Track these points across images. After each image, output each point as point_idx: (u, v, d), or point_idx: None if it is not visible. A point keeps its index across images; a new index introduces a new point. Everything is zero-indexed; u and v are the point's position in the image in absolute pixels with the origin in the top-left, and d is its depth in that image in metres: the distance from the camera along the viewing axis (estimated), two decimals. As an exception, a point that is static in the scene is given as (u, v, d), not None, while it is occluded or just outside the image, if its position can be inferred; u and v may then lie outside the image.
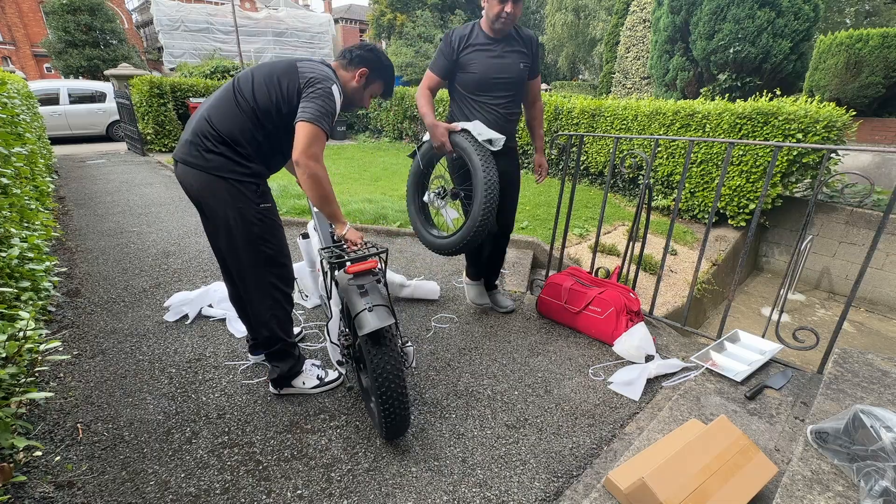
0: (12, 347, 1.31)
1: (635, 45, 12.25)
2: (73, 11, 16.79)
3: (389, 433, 1.56)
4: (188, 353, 2.16)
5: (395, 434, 1.58)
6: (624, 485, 1.30)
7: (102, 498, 1.39)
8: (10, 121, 2.79)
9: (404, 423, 1.54)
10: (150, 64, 24.36)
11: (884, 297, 5.03)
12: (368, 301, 1.46)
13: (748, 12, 8.01)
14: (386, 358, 1.43)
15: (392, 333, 1.49)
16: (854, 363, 1.85)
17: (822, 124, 4.23)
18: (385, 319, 1.43)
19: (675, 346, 2.39)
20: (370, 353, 1.43)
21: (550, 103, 6.56)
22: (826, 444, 1.38)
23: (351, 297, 1.51)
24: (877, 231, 1.79)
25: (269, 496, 1.42)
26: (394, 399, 1.45)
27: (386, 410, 1.46)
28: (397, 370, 1.45)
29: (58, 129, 9.33)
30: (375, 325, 1.41)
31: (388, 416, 1.48)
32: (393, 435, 1.58)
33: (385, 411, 1.46)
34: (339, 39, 31.38)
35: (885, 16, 16.32)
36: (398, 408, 1.47)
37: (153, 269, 3.10)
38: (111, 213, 4.47)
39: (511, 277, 3.15)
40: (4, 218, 1.90)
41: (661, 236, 4.67)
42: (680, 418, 1.68)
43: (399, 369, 1.47)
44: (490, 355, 2.25)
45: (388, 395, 1.44)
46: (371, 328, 1.40)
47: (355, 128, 11.43)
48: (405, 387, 1.49)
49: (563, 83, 22.35)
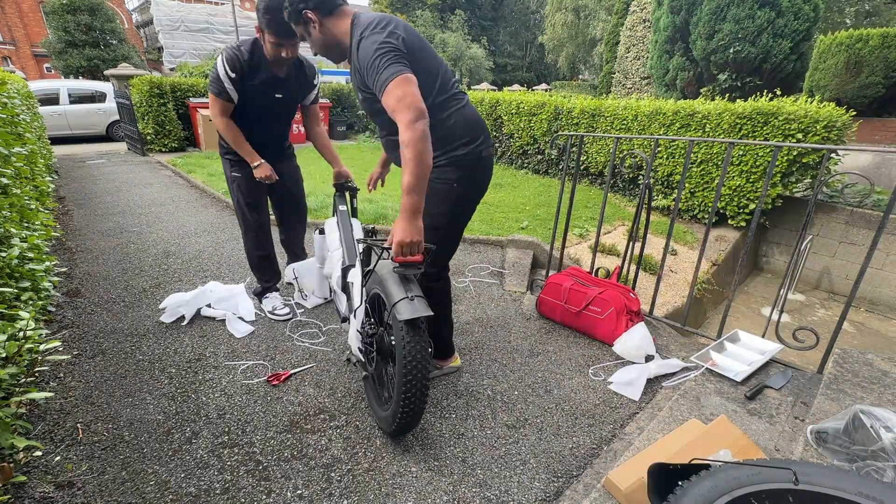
0: (12, 347, 1.31)
1: (635, 45, 12.25)
2: (73, 11, 16.79)
3: (401, 426, 1.54)
4: (188, 353, 2.16)
5: (406, 428, 1.57)
6: (624, 485, 1.30)
7: (102, 498, 1.39)
8: (10, 121, 2.79)
9: (417, 418, 1.54)
10: (150, 64, 24.37)
11: (884, 297, 5.03)
12: (411, 291, 1.48)
13: (748, 12, 8.02)
14: (419, 347, 1.44)
15: (426, 327, 1.50)
16: (854, 363, 1.85)
17: (822, 124, 4.23)
18: (425, 310, 1.45)
19: (675, 346, 2.39)
20: (404, 340, 1.43)
21: (550, 103, 6.56)
22: (826, 444, 1.39)
23: (391, 285, 1.51)
24: (877, 231, 1.79)
25: (269, 496, 1.42)
26: (417, 390, 1.45)
27: (407, 400, 1.46)
28: (426, 361, 1.46)
29: (58, 129, 9.33)
30: (417, 312, 1.42)
31: (406, 407, 1.47)
32: (403, 429, 1.57)
33: (406, 401, 1.46)
34: (339, 39, 31.32)
35: (885, 16, 16.33)
36: (418, 400, 1.47)
37: (153, 269, 3.10)
38: (111, 213, 4.47)
39: (511, 277, 3.15)
40: (4, 218, 1.89)
41: (661, 236, 4.67)
42: (680, 418, 1.68)
43: (427, 361, 1.47)
44: (490, 355, 2.25)
45: (413, 385, 1.44)
46: (412, 315, 1.41)
47: (355, 128, 11.43)
48: (428, 381, 1.49)
49: (563, 83, 22.38)
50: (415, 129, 1.29)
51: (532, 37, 30.35)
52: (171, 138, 8.16)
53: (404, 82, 1.33)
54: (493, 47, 28.05)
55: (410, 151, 1.30)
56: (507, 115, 7.30)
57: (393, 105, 1.33)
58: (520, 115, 7.05)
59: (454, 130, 1.60)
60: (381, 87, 1.35)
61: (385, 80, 1.34)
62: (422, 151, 1.30)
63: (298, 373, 2.03)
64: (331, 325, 2.45)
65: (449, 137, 1.60)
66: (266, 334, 2.34)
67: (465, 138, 1.62)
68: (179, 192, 5.43)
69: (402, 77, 1.33)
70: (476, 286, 3.04)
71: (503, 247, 3.76)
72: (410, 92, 1.33)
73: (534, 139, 6.97)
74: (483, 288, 3.02)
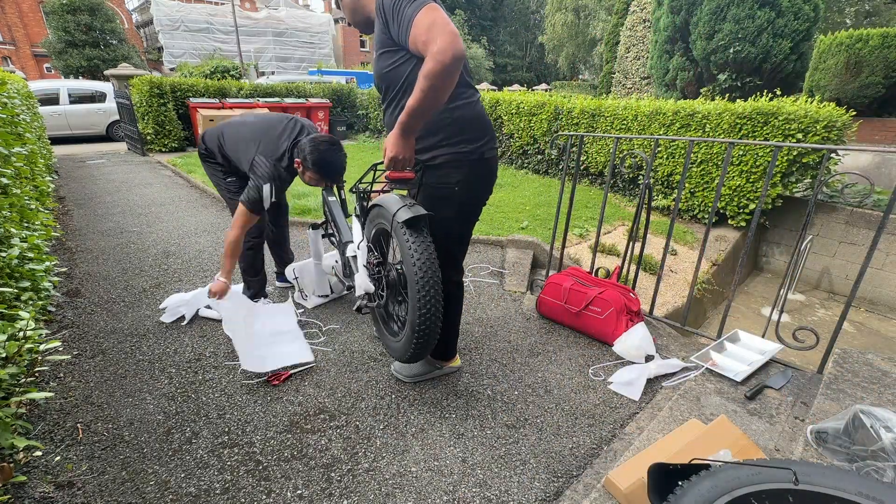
0: (12, 347, 1.31)
1: (635, 45, 12.25)
2: (73, 11, 16.80)
3: (420, 341, 1.45)
4: (188, 353, 2.16)
5: (424, 347, 1.48)
6: (624, 485, 1.30)
7: (102, 498, 1.39)
8: (10, 121, 2.79)
9: (436, 334, 1.45)
10: (150, 64, 24.38)
11: (884, 297, 5.03)
12: (407, 201, 1.46)
13: (748, 12, 8.02)
14: (423, 246, 1.41)
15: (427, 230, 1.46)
16: (854, 363, 1.85)
17: (822, 124, 4.23)
18: (423, 211, 1.43)
19: (675, 346, 2.39)
20: (408, 242, 1.40)
21: (550, 103, 6.56)
22: (826, 444, 1.39)
23: (388, 201, 1.50)
24: (877, 231, 1.79)
25: (269, 496, 1.42)
26: (432, 296, 1.38)
27: (422, 308, 1.38)
28: (434, 261, 1.41)
29: (58, 129, 9.33)
30: (414, 213, 1.40)
31: (422, 317, 1.40)
32: (422, 349, 1.48)
33: (422, 308, 1.38)
34: (339, 39, 31.38)
35: (885, 16, 16.33)
36: (435, 307, 1.40)
37: (153, 269, 3.10)
38: (111, 213, 4.47)
39: (511, 277, 3.15)
40: (4, 218, 1.90)
41: (661, 236, 4.67)
42: (680, 418, 1.68)
43: (436, 260, 1.42)
44: (490, 355, 2.25)
45: (427, 288, 1.38)
46: (411, 214, 1.40)
47: (355, 128, 11.43)
48: (441, 286, 1.41)
49: (563, 83, 22.38)
50: (440, 61, 1.19)
51: (532, 37, 30.36)
52: (171, 138, 8.16)
53: (433, 9, 1.25)
54: (493, 47, 28.07)
55: (427, 82, 1.22)
56: (507, 115, 7.30)
57: (424, 36, 1.23)
58: (520, 115, 7.05)
59: (459, 124, 1.55)
60: (408, 24, 1.28)
61: (412, 14, 1.26)
62: (438, 88, 1.23)
63: (298, 372, 2.03)
64: (331, 325, 2.45)
65: (452, 130, 1.55)
66: (266, 334, 2.34)
67: (469, 134, 1.57)
68: (179, 192, 5.43)
69: (430, 5, 1.26)
70: (476, 286, 3.04)
71: (503, 247, 3.76)
72: (441, 16, 1.24)
73: (534, 139, 6.97)
74: (483, 288, 3.02)
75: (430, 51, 1.22)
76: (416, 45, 1.29)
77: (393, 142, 1.39)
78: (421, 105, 1.27)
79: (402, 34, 1.33)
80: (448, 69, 1.21)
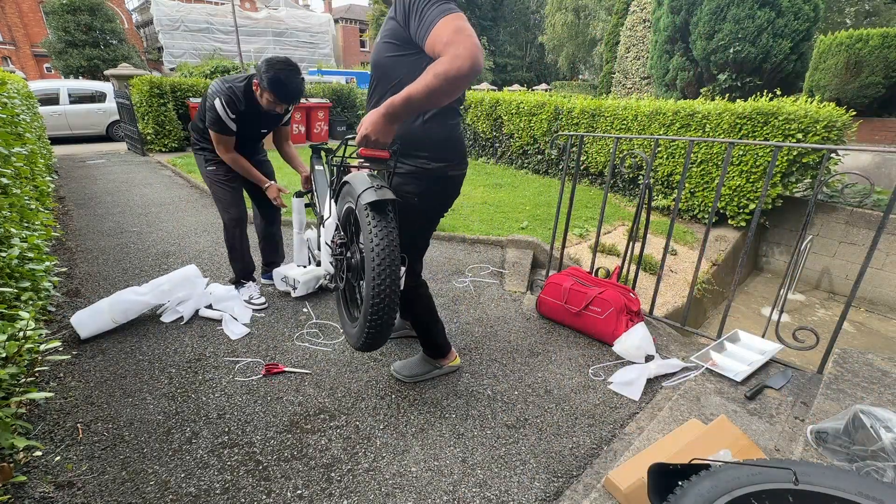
0: (12, 347, 1.31)
1: (635, 45, 12.25)
2: (73, 11, 16.79)
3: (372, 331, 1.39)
4: (188, 353, 2.16)
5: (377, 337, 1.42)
6: (624, 485, 1.30)
7: (102, 498, 1.39)
8: (10, 121, 2.79)
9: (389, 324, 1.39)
10: (150, 64, 24.37)
11: (884, 297, 5.03)
12: (377, 182, 1.39)
13: (748, 12, 8.02)
14: (385, 231, 1.34)
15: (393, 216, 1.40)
16: (854, 363, 1.85)
17: (822, 124, 4.24)
18: (391, 195, 1.36)
19: (675, 346, 2.39)
20: (369, 225, 1.33)
21: (550, 103, 6.57)
22: (826, 444, 1.39)
23: (357, 181, 1.42)
24: (877, 231, 1.79)
25: (269, 496, 1.42)
26: (388, 285, 1.32)
27: (376, 297, 1.33)
28: (395, 248, 1.35)
29: (58, 129, 9.33)
30: (381, 196, 1.34)
31: (376, 306, 1.34)
32: (374, 339, 1.42)
33: (375, 296, 1.33)
34: (339, 39, 31.39)
35: (885, 16, 16.33)
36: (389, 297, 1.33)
37: (153, 269, 3.10)
38: (111, 213, 4.47)
39: (511, 277, 3.15)
40: (4, 218, 1.90)
41: (661, 236, 4.67)
42: (680, 418, 1.68)
43: (397, 248, 1.36)
44: (490, 355, 2.25)
45: (384, 277, 1.32)
46: (377, 197, 1.33)
47: (355, 128, 11.44)
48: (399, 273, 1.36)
49: (563, 83, 22.38)
50: (457, 66, 1.15)
51: (532, 37, 30.35)
52: (171, 138, 8.15)
53: (461, 17, 1.22)
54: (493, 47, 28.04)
55: (436, 80, 1.18)
56: (507, 115, 7.31)
57: (447, 38, 1.19)
58: (520, 115, 7.05)
59: (430, 140, 1.51)
60: (429, 25, 1.24)
61: (436, 16, 1.23)
62: (443, 91, 1.20)
63: (298, 373, 2.03)
64: (331, 325, 2.45)
65: (422, 144, 1.52)
66: (266, 335, 2.34)
67: (437, 153, 1.54)
68: (179, 192, 5.43)
69: (459, 13, 1.23)
70: (476, 286, 3.04)
71: (503, 247, 3.76)
72: (469, 26, 1.20)
73: (534, 139, 6.97)
74: (483, 288, 3.02)
75: (450, 52, 1.18)
76: (435, 45, 1.24)
77: (372, 121, 1.29)
78: (420, 98, 1.22)
79: (421, 33, 1.28)
80: (462, 76, 1.18)
